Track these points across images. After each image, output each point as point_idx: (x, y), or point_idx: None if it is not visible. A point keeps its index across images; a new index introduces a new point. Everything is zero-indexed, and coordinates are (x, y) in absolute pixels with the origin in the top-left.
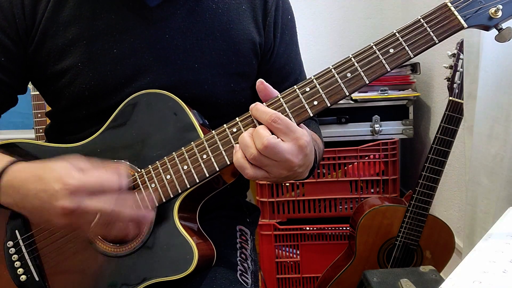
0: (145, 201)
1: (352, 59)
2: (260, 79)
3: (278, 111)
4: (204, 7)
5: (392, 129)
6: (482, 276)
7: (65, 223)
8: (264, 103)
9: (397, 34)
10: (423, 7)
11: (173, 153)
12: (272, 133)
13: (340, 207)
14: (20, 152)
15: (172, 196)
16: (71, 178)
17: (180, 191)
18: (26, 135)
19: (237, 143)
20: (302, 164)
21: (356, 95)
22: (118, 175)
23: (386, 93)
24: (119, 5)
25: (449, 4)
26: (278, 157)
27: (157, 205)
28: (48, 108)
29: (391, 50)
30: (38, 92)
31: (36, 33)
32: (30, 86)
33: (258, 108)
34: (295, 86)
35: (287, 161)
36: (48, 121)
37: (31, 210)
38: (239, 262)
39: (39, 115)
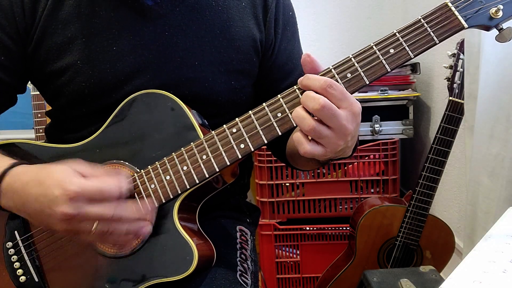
0: (146, 208)
1: (352, 59)
2: (307, 53)
3: None
4: (204, 5)
5: (392, 129)
6: (482, 276)
7: (65, 228)
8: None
9: (397, 34)
10: (423, 7)
11: (173, 153)
12: None
13: (340, 207)
14: (19, 152)
15: (171, 197)
16: (71, 183)
17: (179, 192)
18: (26, 135)
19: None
20: (354, 133)
21: (356, 95)
22: (118, 182)
23: (386, 93)
24: (117, 3)
25: (450, 4)
26: (334, 121)
27: (156, 206)
28: (48, 108)
29: (392, 50)
30: (38, 92)
31: (35, 31)
32: (30, 86)
33: (310, 76)
34: (295, 87)
35: (342, 128)
36: (48, 121)
37: (32, 214)
38: (239, 262)
39: (39, 115)
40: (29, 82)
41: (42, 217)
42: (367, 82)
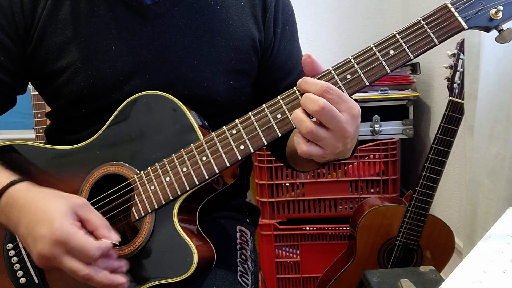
0: (122, 265)
1: (352, 60)
2: (308, 53)
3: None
4: (202, 4)
5: (392, 129)
6: (482, 276)
7: (41, 263)
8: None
9: (397, 35)
10: (422, 7)
11: (173, 155)
12: None
13: (340, 207)
14: (18, 156)
15: (171, 198)
16: (60, 228)
17: (179, 193)
18: (26, 135)
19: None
20: (353, 136)
21: (356, 95)
22: (102, 246)
23: (386, 93)
24: (116, 2)
25: (450, 5)
26: (334, 123)
27: (156, 207)
28: (48, 109)
29: (391, 52)
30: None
31: (35, 31)
32: (30, 86)
33: (307, 81)
34: (294, 88)
35: (342, 130)
36: (48, 122)
37: (19, 235)
38: (239, 263)
39: (39, 115)
40: (29, 82)
41: (25, 243)
42: (367, 83)
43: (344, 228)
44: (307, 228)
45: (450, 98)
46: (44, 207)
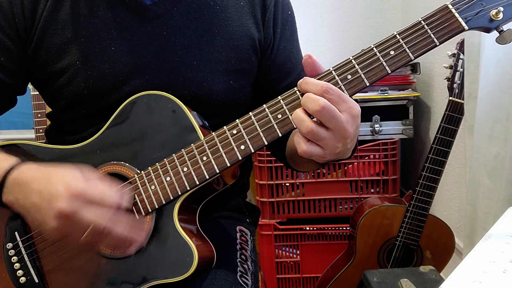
0: (139, 226)
1: (353, 61)
2: (308, 53)
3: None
4: (202, 4)
5: (392, 129)
6: (482, 276)
7: (57, 225)
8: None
9: (397, 36)
10: (422, 7)
11: (173, 155)
12: None
13: (340, 207)
14: (20, 153)
15: (172, 198)
16: (75, 183)
17: (180, 193)
18: (26, 135)
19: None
20: (354, 136)
21: (356, 95)
22: (120, 196)
23: (386, 93)
24: (115, 3)
25: (450, 6)
26: (334, 123)
27: (157, 207)
28: (49, 109)
29: (392, 52)
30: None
31: (35, 32)
32: (30, 86)
33: (307, 81)
34: (295, 88)
35: (342, 130)
36: (49, 122)
37: (29, 209)
38: (239, 263)
39: (39, 115)
40: (29, 83)
41: (38, 212)
42: (368, 84)
43: (344, 228)
44: (307, 228)
45: (450, 98)
46: (57, 171)
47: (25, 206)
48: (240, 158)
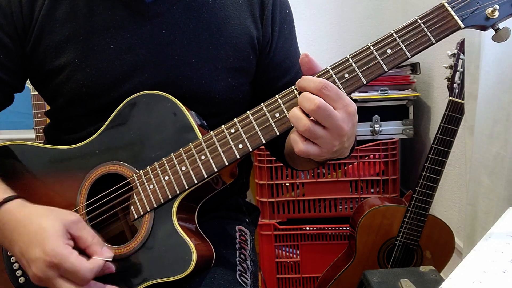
0: None
1: (350, 59)
2: (305, 52)
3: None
4: (201, 2)
5: (392, 129)
6: (482, 276)
7: (37, 283)
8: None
9: (394, 34)
10: (422, 7)
11: (171, 154)
12: None
13: (340, 207)
14: (15, 157)
15: (170, 197)
16: (52, 251)
17: (178, 192)
18: (26, 135)
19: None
20: (350, 134)
21: (356, 95)
22: (95, 266)
23: (386, 93)
24: (115, 2)
25: (446, 5)
26: (330, 122)
27: (155, 206)
28: (48, 108)
29: (389, 51)
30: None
31: (33, 30)
32: (30, 86)
33: (305, 78)
34: (292, 87)
35: (338, 128)
36: (48, 121)
37: (14, 255)
38: (238, 262)
39: (39, 115)
40: (29, 82)
41: (21, 262)
42: (365, 82)
43: (344, 228)
44: (307, 228)
45: (450, 98)
46: (37, 227)
47: (11, 251)
48: (238, 157)
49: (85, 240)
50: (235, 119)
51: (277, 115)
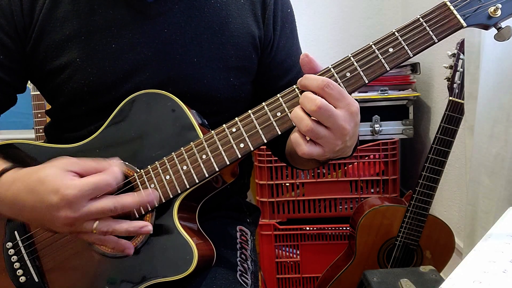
0: (146, 193)
1: (352, 58)
2: (305, 52)
3: None
4: (203, 2)
5: (392, 129)
6: (482, 276)
7: (68, 230)
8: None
9: (396, 33)
10: (422, 7)
11: (172, 153)
12: None
13: (340, 207)
14: (17, 154)
15: (171, 196)
16: (67, 188)
17: (179, 192)
18: (26, 135)
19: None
20: (352, 133)
21: (356, 95)
22: (112, 172)
23: (386, 93)
24: (116, 1)
25: (448, 3)
26: (332, 121)
27: (156, 205)
28: (49, 107)
29: (391, 50)
30: (38, 92)
31: (34, 29)
32: (30, 86)
33: (307, 76)
34: (294, 86)
35: (340, 128)
36: (48, 120)
37: (31, 220)
38: (239, 262)
39: (39, 115)
40: (29, 82)
41: (43, 223)
42: (366, 81)
43: (344, 228)
44: (307, 228)
45: (450, 98)
46: (40, 180)
47: (25, 218)
48: (239, 156)
49: (88, 168)
50: (236, 119)
51: (279, 114)
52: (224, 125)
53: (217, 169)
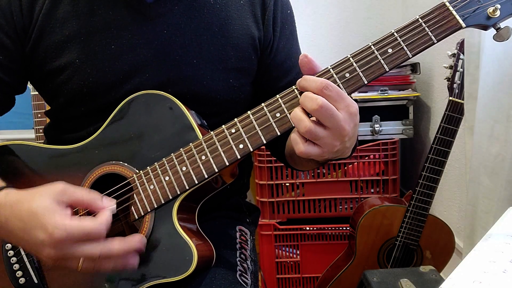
0: (133, 241)
1: (351, 59)
2: (304, 53)
3: None
4: (202, 3)
5: (392, 129)
6: (482, 276)
7: (52, 264)
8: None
9: (395, 34)
10: (423, 7)
11: (172, 154)
12: None
13: (340, 207)
14: (14, 156)
15: (170, 197)
16: (55, 227)
17: (179, 193)
18: (26, 135)
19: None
20: (352, 134)
21: (356, 95)
22: (103, 218)
23: (386, 93)
24: (116, 2)
25: (447, 4)
26: (332, 122)
27: (155, 207)
28: (48, 108)
29: (390, 50)
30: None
31: (33, 30)
32: (30, 86)
33: (306, 78)
34: (293, 87)
35: (339, 128)
36: (48, 121)
37: (18, 245)
38: (238, 262)
39: (39, 115)
40: (29, 82)
41: (30, 251)
42: (366, 82)
43: (344, 228)
44: (307, 228)
45: (450, 98)
46: (30, 211)
47: (12, 242)
48: (239, 157)
49: (81, 201)
50: (235, 119)
51: (278, 115)
52: (223, 126)
53: (216, 170)
